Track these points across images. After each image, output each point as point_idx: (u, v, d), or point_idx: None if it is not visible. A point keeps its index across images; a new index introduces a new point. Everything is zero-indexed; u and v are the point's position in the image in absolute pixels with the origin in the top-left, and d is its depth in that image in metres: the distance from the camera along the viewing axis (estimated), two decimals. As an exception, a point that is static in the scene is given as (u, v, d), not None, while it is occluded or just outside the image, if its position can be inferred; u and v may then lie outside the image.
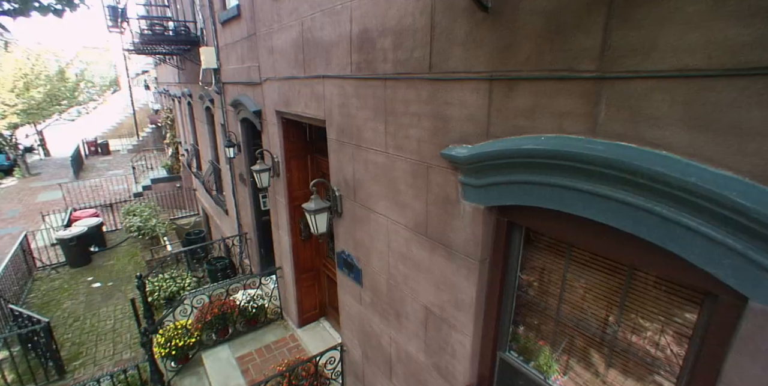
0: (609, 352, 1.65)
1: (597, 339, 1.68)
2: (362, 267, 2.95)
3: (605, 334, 1.64)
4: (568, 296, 1.75)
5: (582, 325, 1.73)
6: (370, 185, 2.60)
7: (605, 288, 1.60)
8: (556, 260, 1.78)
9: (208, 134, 8.00)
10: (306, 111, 3.29)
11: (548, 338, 1.89)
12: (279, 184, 4.41)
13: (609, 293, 1.59)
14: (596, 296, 1.64)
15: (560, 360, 1.88)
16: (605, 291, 1.60)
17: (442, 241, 2.09)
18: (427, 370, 2.48)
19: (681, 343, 1.39)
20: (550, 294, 1.84)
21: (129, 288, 7.56)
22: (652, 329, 1.48)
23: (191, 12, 6.80)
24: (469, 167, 1.76)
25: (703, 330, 1.27)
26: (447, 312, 2.18)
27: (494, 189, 1.72)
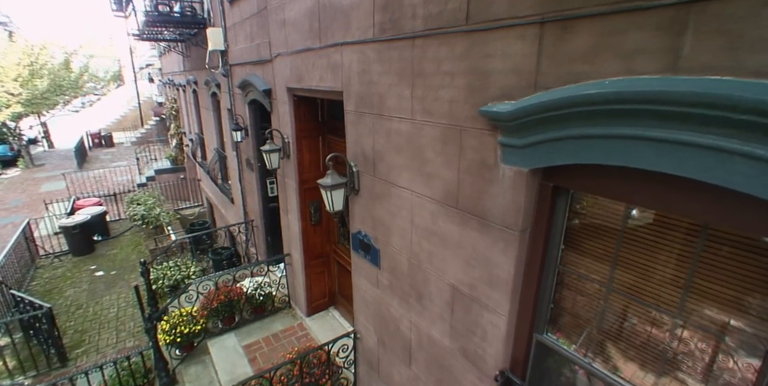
0: (670, 337, 1.47)
1: (654, 321, 1.50)
2: (380, 247, 2.78)
3: (664, 315, 1.46)
4: (621, 270, 1.58)
5: (636, 305, 1.55)
6: (392, 157, 2.43)
7: (669, 260, 1.42)
8: (608, 229, 1.60)
9: (214, 121, 7.83)
10: (320, 84, 3.12)
11: (595, 319, 1.72)
12: (289, 166, 4.24)
13: (674, 266, 1.41)
14: (657, 271, 1.46)
15: (608, 343, 1.70)
16: (669, 264, 1.42)
17: (475, 212, 1.91)
18: (452, 355, 2.31)
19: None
20: (598, 268, 1.66)
21: (132, 277, 7.44)
22: (730, 312, 1.30)
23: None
24: (513, 125, 1.58)
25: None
26: (478, 291, 2.01)
27: (541, 148, 1.54)
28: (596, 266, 1.67)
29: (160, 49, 14.70)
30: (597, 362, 1.73)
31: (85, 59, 22.44)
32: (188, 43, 8.40)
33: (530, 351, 1.95)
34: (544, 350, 1.93)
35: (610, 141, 1.30)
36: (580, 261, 1.73)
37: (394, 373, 2.99)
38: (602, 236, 1.63)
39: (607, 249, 1.62)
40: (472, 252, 1.99)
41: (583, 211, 1.67)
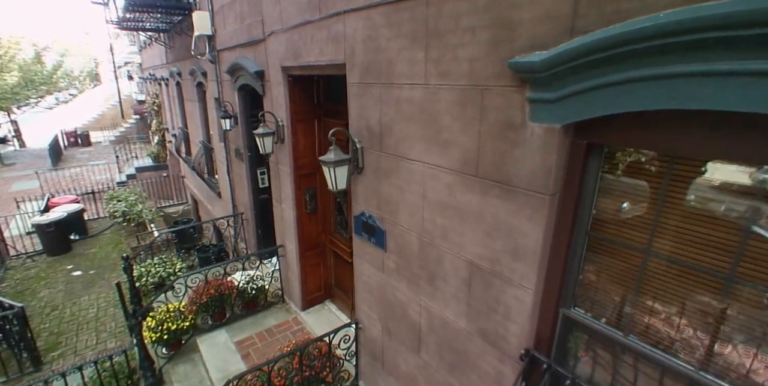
0: (717, 308, 1.37)
1: (697, 291, 1.40)
2: (386, 228, 2.64)
3: (710, 284, 1.37)
4: (661, 235, 1.48)
5: (677, 274, 1.45)
6: (401, 129, 2.29)
7: (720, 223, 1.32)
8: (645, 189, 1.50)
9: (199, 113, 7.57)
10: (320, 59, 2.97)
11: (629, 290, 1.61)
12: (283, 151, 4.07)
13: (725, 229, 1.31)
14: (703, 235, 1.37)
15: (641, 315, 1.60)
16: (719, 227, 1.33)
17: (497, 178, 1.79)
18: (467, 337, 2.18)
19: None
20: (634, 235, 1.56)
21: (113, 276, 7.10)
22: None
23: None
24: (546, 76, 1.46)
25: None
26: (501, 264, 1.88)
27: (576, 100, 1.43)
28: (631, 233, 1.57)
29: (141, 43, 14.28)
30: (631, 335, 1.62)
31: (58, 56, 21.68)
32: (171, 33, 8.11)
33: (556, 328, 1.84)
34: (571, 325, 1.82)
35: (661, 82, 1.19)
36: (613, 227, 1.62)
37: (401, 362, 2.84)
38: (639, 198, 1.53)
39: (645, 213, 1.52)
40: (494, 223, 1.86)
41: (617, 170, 1.56)
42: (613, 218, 1.62)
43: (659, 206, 1.46)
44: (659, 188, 1.45)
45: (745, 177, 1.27)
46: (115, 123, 23.89)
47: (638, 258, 1.56)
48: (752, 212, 1.26)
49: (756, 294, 1.29)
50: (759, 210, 1.25)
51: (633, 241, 1.57)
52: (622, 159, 1.54)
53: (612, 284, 1.67)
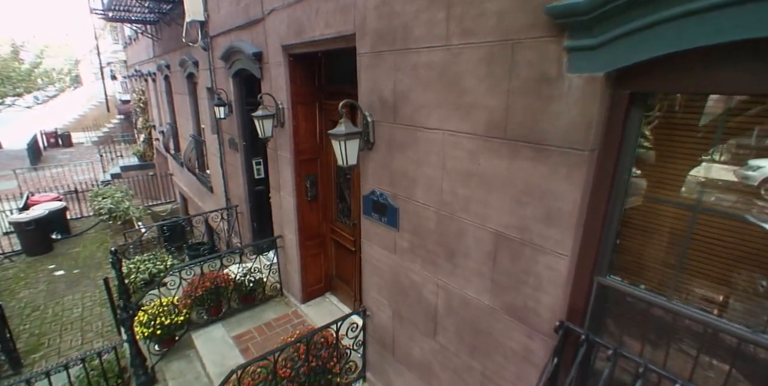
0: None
1: (754, 246, 1.32)
2: (399, 206, 2.53)
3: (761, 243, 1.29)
4: (711, 190, 1.40)
5: (724, 234, 1.37)
6: (418, 96, 2.19)
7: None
8: (695, 142, 1.42)
9: (190, 106, 7.37)
10: (326, 32, 2.85)
11: (672, 253, 1.53)
12: (283, 136, 3.93)
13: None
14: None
15: (685, 278, 1.51)
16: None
17: (529, 139, 1.70)
18: (492, 315, 2.08)
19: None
20: (677, 193, 1.48)
21: (99, 275, 6.81)
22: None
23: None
24: (591, 17, 1.37)
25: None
26: (532, 232, 1.78)
27: (623, 43, 1.34)
28: (675, 192, 1.48)
29: (125, 39, 13.96)
30: (675, 300, 1.54)
31: (37, 53, 21.00)
32: (160, 24, 7.90)
33: (590, 298, 1.75)
34: (607, 294, 1.72)
35: (735, 8, 1.10)
36: (656, 185, 1.54)
37: (414, 349, 2.72)
38: (684, 151, 1.45)
39: (692, 167, 1.44)
40: (524, 188, 1.77)
41: (660, 123, 1.48)
42: (655, 174, 1.53)
43: (709, 158, 1.38)
44: (707, 140, 1.37)
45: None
46: (97, 124, 23.33)
47: (683, 217, 1.47)
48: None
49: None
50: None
51: (677, 199, 1.48)
52: (666, 110, 1.46)
53: (653, 247, 1.59)
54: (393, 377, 3.03)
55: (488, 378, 2.20)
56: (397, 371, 2.96)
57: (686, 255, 1.49)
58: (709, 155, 1.39)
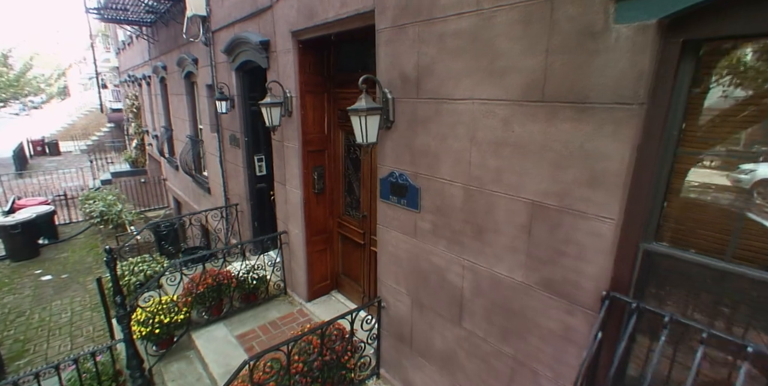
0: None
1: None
2: (421, 185, 2.44)
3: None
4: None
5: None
6: (445, 67, 2.13)
7: None
8: (753, 92, 1.37)
9: (187, 106, 7.26)
10: (341, 11, 2.81)
11: (728, 213, 1.46)
12: (290, 125, 3.85)
13: None
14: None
15: (747, 237, 1.44)
16: None
17: (571, 98, 1.64)
18: (526, 293, 1.98)
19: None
20: (732, 147, 1.42)
21: (89, 279, 6.57)
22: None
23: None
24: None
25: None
26: (573, 198, 1.71)
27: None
28: (728, 146, 1.43)
29: (118, 45, 13.90)
30: (732, 260, 1.46)
31: (24, 63, 20.77)
32: (157, 25, 7.87)
33: (636, 265, 1.66)
34: (655, 261, 1.64)
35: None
36: (707, 141, 1.48)
37: (436, 339, 2.60)
38: (740, 105, 1.40)
39: (750, 121, 1.38)
40: (565, 151, 1.70)
41: (716, 74, 1.43)
42: (707, 130, 1.48)
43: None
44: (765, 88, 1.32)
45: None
46: (86, 133, 23.06)
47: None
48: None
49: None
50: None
51: (732, 154, 1.42)
52: (722, 58, 1.41)
53: (704, 209, 1.52)
54: (411, 372, 2.89)
55: (521, 363, 2.09)
56: (416, 365, 2.82)
57: (743, 218, 1.42)
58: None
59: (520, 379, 2.11)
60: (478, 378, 2.36)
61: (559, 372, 1.91)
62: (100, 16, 7.75)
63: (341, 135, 3.97)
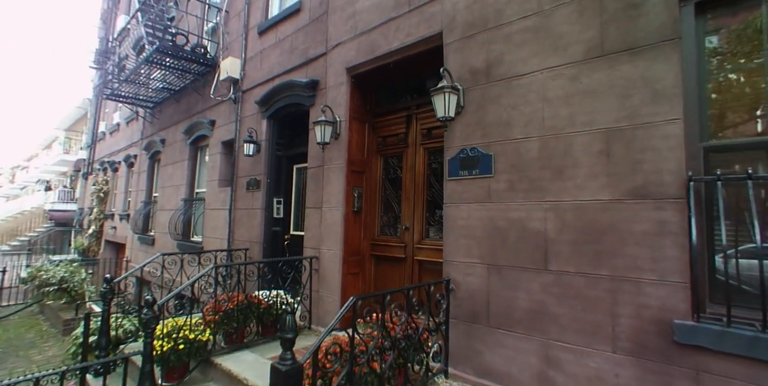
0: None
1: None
2: (493, 151, 3.01)
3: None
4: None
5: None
6: (513, 54, 2.97)
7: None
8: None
9: (186, 171, 7.67)
10: (406, 40, 3.76)
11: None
12: (336, 147, 4.42)
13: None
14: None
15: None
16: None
17: (625, 47, 2.45)
18: (614, 209, 2.42)
19: None
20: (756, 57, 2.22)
21: (33, 352, 5.66)
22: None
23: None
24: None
25: None
26: (641, 115, 2.36)
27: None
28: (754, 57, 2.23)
29: (94, 138, 14.55)
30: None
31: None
32: (163, 104, 8.79)
33: (700, 158, 2.24)
34: (715, 152, 2.23)
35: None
36: (726, 56, 2.28)
37: (518, 299, 2.78)
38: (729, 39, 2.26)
39: (751, 42, 2.23)
40: (627, 83, 2.43)
41: (713, 18, 2.32)
42: (726, 48, 2.29)
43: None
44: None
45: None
46: (15, 234, 21.55)
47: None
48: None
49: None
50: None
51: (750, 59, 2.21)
52: (715, 11, 2.32)
53: (740, 104, 2.22)
54: (488, 354, 2.90)
55: (620, 280, 2.37)
56: (495, 342, 2.87)
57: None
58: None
59: (624, 298, 2.35)
60: (575, 322, 2.52)
61: (663, 270, 2.23)
62: (111, 94, 8.59)
63: (379, 160, 4.58)
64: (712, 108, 2.29)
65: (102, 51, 9.12)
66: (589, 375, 2.44)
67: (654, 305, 2.24)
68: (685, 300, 2.16)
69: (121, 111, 12.18)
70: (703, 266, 2.17)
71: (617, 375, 2.34)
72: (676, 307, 2.18)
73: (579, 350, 2.49)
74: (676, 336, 2.15)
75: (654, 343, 2.23)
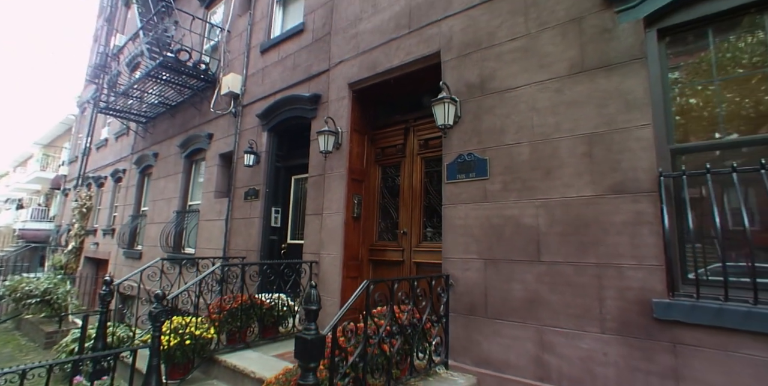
0: None
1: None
2: (489, 155, 3.37)
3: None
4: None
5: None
6: (505, 70, 3.39)
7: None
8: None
9: (180, 184, 7.84)
10: (406, 58, 4.18)
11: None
12: (337, 156, 4.73)
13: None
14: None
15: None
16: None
17: (600, 64, 2.88)
18: (597, 203, 2.77)
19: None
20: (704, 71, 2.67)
21: (11, 365, 5.57)
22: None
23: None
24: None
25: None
26: (618, 121, 2.76)
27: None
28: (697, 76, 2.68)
29: (78, 153, 14.52)
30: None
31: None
32: (157, 119, 9.03)
33: (668, 158, 2.63)
34: (680, 155, 2.63)
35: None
36: (682, 68, 2.72)
37: (514, 289, 3.06)
38: (685, 55, 2.72)
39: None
40: (605, 94, 2.84)
41: (671, 42, 2.78)
42: (678, 58, 2.73)
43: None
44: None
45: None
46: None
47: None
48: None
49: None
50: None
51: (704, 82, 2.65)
52: (673, 35, 2.78)
53: (698, 114, 2.64)
54: (486, 344, 3.15)
55: (604, 267, 2.69)
56: (493, 331, 3.12)
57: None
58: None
59: (608, 282, 2.67)
60: (566, 307, 2.81)
61: (641, 255, 2.57)
62: (105, 108, 8.81)
63: (378, 170, 4.91)
64: (676, 116, 2.71)
65: (101, 65, 9.36)
66: (580, 355, 2.72)
67: (635, 286, 2.57)
68: (661, 280, 2.49)
69: (110, 126, 12.33)
70: (676, 250, 2.52)
71: (606, 353, 2.62)
72: (654, 287, 2.50)
73: (571, 333, 2.77)
74: (655, 313, 2.46)
75: (636, 321, 2.54)
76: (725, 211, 2.46)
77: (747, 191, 2.44)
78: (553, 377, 2.80)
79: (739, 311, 2.19)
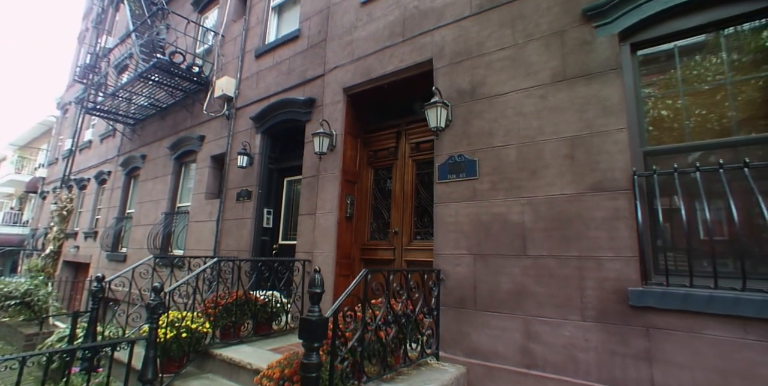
0: (732, 93, 2.75)
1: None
2: (478, 157, 3.61)
3: (724, 83, 2.78)
4: None
5: (705, 89, 2.85)
6: (494, 78, 3.65)
7: (714, 55, 2.86)
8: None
9: (169, 185, 7.90)
10: (400, 65, 4.43)
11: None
12: (331, 158, 4.92)
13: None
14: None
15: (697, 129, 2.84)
16: (714, 56, 2.86)
17: (580, 73, 3.17)
18: (579, 201, 3.03)
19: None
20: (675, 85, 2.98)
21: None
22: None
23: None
24: (609, 6, 3.10)
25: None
26: (596, 125, 3.04)
27: (626, 14, 3.04)
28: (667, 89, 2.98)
29: (58, 155, 14.36)
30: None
31: None
32: (146, 121, 9.09)
33: (641, 159, 2.91)
34: (650, 156, 2.91)
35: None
36: (654, 82, 3.02)
37: (502, 282, 3.28)
38: (659, 69, 3.03)
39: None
40: (584, 101, 3.12)
41: (641, 56, 3.08)
42: (649, 73, 3.03)
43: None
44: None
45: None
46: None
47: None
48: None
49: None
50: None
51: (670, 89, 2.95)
52: (644, 49, 3.08)
53: (669, 116, 2.93)
54: (475, 336, 3.35)
55: (585, 259, 2.93)
56: (482, 323, 3.33)
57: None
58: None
59: (589, 273, 2.91)
60: (550, 298, 3.04)
61: (618, 247, 2.82)
62: (93, 109, 8.84)
63: (370, 172, 5.11)
64: (648, 121, 3.00)
65: (90, 66, 9.39)
66: (564, 343, 2.94)
67: (612, 277, 2.81)
68: (636, 270, 2.74)
69: (95, 128, 12.27)
70: (649, 242, 2.78)
71: (587, 339, 2.85)
72: (629, 277, 2.75)
73: (555, 322, 2.99)
74: (630, 301, 2.70)
75: (614, 309, 2.78)
76: (693, 207, 2.74)
77: (711, 190, 2.72)
78: (539, 364, 3.01)
79: (702, 295, 2.45)
